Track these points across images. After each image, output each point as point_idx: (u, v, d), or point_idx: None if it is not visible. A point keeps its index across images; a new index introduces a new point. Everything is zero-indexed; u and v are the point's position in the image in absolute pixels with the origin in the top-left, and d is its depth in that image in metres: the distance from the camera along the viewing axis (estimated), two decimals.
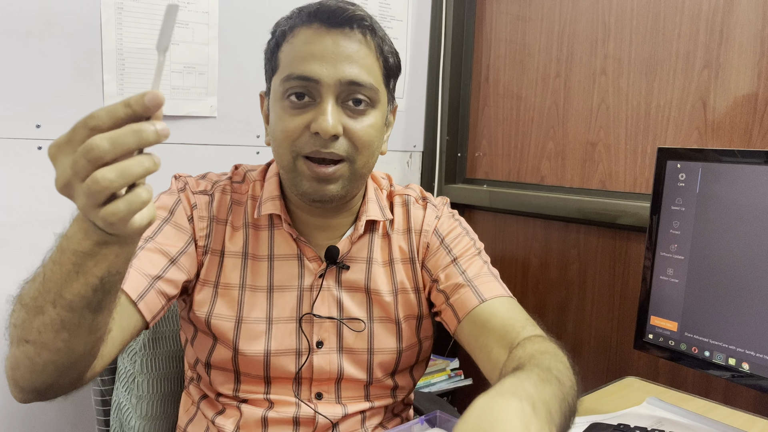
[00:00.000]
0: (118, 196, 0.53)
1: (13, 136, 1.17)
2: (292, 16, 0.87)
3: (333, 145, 0.82)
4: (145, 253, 0.83)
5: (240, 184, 0.95)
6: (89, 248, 0.58)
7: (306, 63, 0.82)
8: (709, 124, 1.32)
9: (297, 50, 0.84)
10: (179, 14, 1.32)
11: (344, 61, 0.82)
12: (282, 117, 0.84)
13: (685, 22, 1.35)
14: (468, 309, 0.89)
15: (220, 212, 0.92)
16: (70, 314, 0.62)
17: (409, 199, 1.00)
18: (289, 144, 0.84)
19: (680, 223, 1.02)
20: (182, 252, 0.87)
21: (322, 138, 0.81)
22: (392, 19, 1.70)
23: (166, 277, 0.84)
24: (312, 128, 0.82)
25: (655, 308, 1.05)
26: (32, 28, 1.16)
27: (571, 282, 1.58)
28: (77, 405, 1.28)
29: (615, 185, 1.49)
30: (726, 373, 0.95)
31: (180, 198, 0.91)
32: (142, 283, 0.81)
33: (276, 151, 0.88)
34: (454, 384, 1.70)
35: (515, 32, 1.70)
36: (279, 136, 0.85)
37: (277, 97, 0.85)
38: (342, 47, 0.83)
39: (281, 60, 0.86)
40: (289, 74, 0.83)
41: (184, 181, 0.93)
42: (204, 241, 0.90)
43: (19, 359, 0.67)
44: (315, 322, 0.91)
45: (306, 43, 0.83)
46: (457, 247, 0.96)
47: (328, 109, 0.81)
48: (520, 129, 1.70)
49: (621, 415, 0.96)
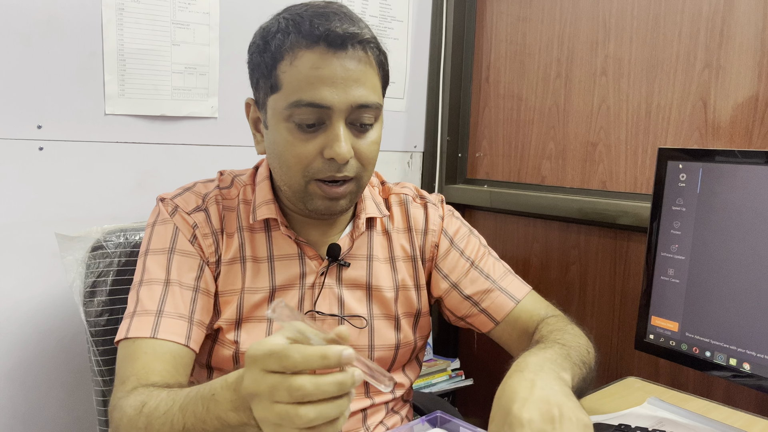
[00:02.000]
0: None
1: (15, 136, 1.17)
2: (289, 32, 0.82)
3: (345, 168, 0.84)
4: (170, 295, 0.86)
5: (228, 189, 0.95)
6: (235, 422, 0.63)
7: (316, 89, 0.80)
8: (710, 124, 1.32)
9: (304, 75, 0.81)
10: (180, 15, 1.32)
11: (353, 84, 0.82)
12: (290, 141, 0.83)
13: (685, 23, 1.35)
14: (505, 312, 1.00)
15: (217, 224, 0.92)
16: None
17: (407, 198, 1.02)
18: (302, 169, 0.84)
19: (681, 224, 1.02)
20: (200, 277, 0.89)
21: (336, 163, 0.82)
22: (393, 20, 1.71)
23: (198, 307, 0.87)
24: (326, 154, 0.82)
25: (656, 308, 1.05)
26: (33, 28, 1.16)
27: (572, 282, 1.58)
28: (78, 405, 1.28)
29: (615, 185, 1.49)
30: (727, 373, 0.95)
31: (176, 224, 0.90)
32: (183, 327, 0.85)
33: (284, 172, 0.87)
34: (455, 384, 1.70)
35: (516, 33, 1.70)
36: (290, 160, 0.84)
37: (281, 118, 0.84)
38: (350, 71, 0.81)
39: (283, 81, 0.82)
40: (299, 100, 0.81)
41: (172, 204, 0.92)
42: (214, 256, 0.91)
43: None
44: (317, 320, 0.92)
45: (314, 68, 0.80)
46: (468, 248, 1.03)
47: (341, 135, 0.82)
48: (521, 129, 1.70)
49: (622, 415, 0.96)
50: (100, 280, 1.03)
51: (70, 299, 1.15)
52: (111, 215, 1.27)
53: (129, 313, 0.86)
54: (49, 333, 1.24)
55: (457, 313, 1.03)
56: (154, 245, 0.89)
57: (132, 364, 0.81)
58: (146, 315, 0.84)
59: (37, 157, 1.20)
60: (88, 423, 1.29)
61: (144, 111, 1.30)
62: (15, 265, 1.20)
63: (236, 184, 0.96)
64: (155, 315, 0.84)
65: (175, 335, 0.84)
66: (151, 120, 1.32)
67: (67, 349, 1.26)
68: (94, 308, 1.03)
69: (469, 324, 1.03)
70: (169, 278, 0.87)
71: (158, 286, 0.86)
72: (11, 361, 1.20)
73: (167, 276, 0.87)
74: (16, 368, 1.21)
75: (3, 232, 1.18)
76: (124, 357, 0.83)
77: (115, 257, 1.04)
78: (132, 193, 1.31)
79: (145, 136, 1.31)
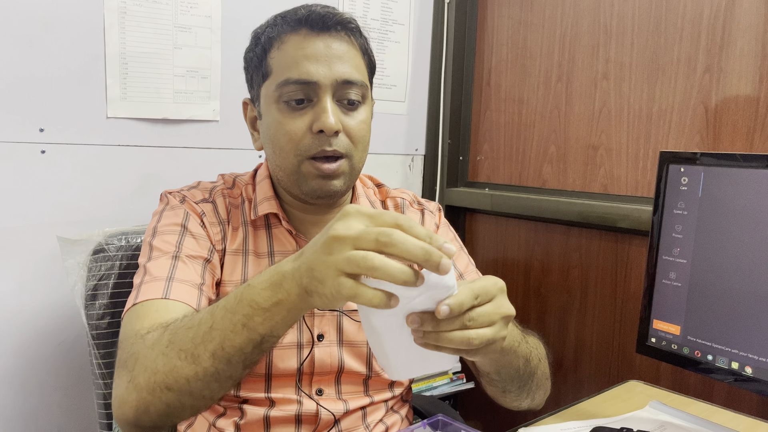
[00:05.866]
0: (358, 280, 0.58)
1: (17, 139, 1.17)
2: (276, 24, 0.89)
3: (335, 142, 0.86)
4: (181, 264, 0.85)
5: (231, 189, 0.98)
6: (268, 302, 0.63)
7: (301, 66, 0.85)
8: (711, 128, 1.32)
9: (289, 55, 0.86)
10: (182, 18, 1.32)
11: (337, 61, 0.86)
12: (281, 120, 0.87)
13: (686, 27, 1.35)
14: None
15: (224, 215, 0.94)
16: (225, 367, 0.66)
17: (404, 202, 1.06)
18: (293, 147, 0.87)
19: (682, 227, 1.02)
20: (209, 259, 0.89)
21: (325, 136, 0.85)
22: (394, 23, 1.71)
23: (207, 282, 0.87)
24: (314, 127, 0.85)
25: (658, 312, 1.05)
26: (36, 32, 1.16)
27: (573, 286, 1.58)
28: (79, 408, 1.28)
29: (617, 189, 1.49)
30: (729, 377, 0.95)
31: (186, 209, 0.92)
32: (194, 294, 0.83)
33: (277, 155, 0.89)
34: (456, 387, 1.70)
35: (517, 36, 1.70)
36: (281, 140, 0.87)
37: (272, 101, 0.88)
38: (333, 49, 0.87)
39: (272, 66, 0.88)
40: (286, 79, 0.86)
41: (180, 195, 0.94)
42: (221, 245, 0.92)
43: (152, 404, 0.69)
44: (316, 315, 0.93)
45: (298, 48, 0.86)
46: (458, 261, 1.05)
47: (328, 107, 0.85)
48: (522, 133, 1.70)
49: (624, 418, 0.96)
50: (102, 283, 1.04)
51: (72, 302, 1.15)
52: (113, 218, 1.27)
53: (136, 285, 0.84)
54: (50, 336, 1.24)
55: None
56: (163, 226, 0.89)
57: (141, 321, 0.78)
58: (156, 281, 0.82)
59: (39, 161, 1.20)
60: (90, 425, 1.29)
61: (146, 114, 1.30)
62: (17, 268, 1.20)
63: (238, 184, 0.99)
64: (166, 280, 0.82)
65: (187, 298, 0.81)
66: (153, 123, 1.32)
67: (68, 352, 1.26)
68: (95, 311, 1.03)
69: None
70: (179, 253, 0.86)
71: (167, 259, 0.85)
72: (12, 363, 1.20)
73: (177, 251, 0.86)
74: (18, 371, 1.21)
75: (5, 235, 1.18)
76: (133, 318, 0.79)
77: (117, 260, 1.05)
78: (134, 197, 1.31)
79: (146, 140, 1.31)
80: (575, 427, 0.93)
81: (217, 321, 0.66)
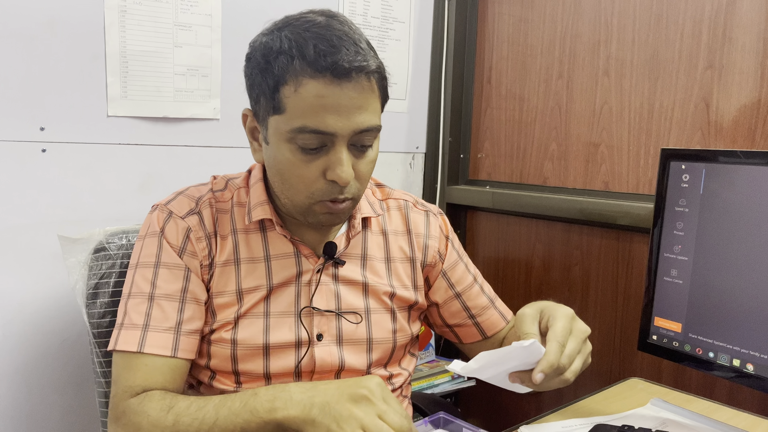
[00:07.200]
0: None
1: (17, 138, 1.17)
2: (292, 55, 0.81)
3: (347, 190, 0.86)
4: (155, 308, 0.89)
5: (222, 191, 0.97)
6: (268, 416, 0.75)
7: (320, 117, 0.81)
8: (713, 125, 1.32)
9: (308, 103, 0.81)
10: (182, 17, 1.32)
11: (356, 111, 0.82)
12: (293, 162, 0.85)
13: (687, 24, 1.35)
14: (496, 329, 1.08)
15: (210, 227, 0.93)
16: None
17: (407, 203, 1.06)
18: (305, 188, 0.86)
19: (684, 224, 1.02)
20: (186, 289, 0.90)
21: (338, 185, 0.85)
22: (395, 21, 1.71)
23: (186, 317, 0.89)
24: (329, 176, 0.84)
25: (659, 309, 1.05)
26: (36, 31, 1.16)
27: (574, 283, 1.58)
28: (81, 406, 1.28)
29: (618, 186, 1.49)
30: (730, 374, 0.95)
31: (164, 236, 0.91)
32: (168, 339, 0.88)
33: (287, 188, 0.88)
34: (457, 385, 1.70)
35: (517, 34, 1.70)
36: (293, 180, 0.86)
37: (282, 138, 0.84)
38: (353, 99, 0.82)
39: (286, 105, 0.82)
40: (303, 126, 0.81)
41: (166, 210, 0.93)
42: (207, 259, 0.92)
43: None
44: (315, 315, 0.93)
45: (318, 97, 0.80)
46: (470, 265, 1.09)
47: (344, 159, 0.83)
48: (523, 130, 1.70)
49: (625, 416, 0.96)
50: (103, 281, 1.04)
51: (73, 301, 1.15)
52: (113, 217, 1.27)
53: (118, 324, 0.90)
54: (51, 335, 1.24)
55: (448, 321, 1.07)
56: (141, 259, 0.92)
57: (134, 375, 0.86)
58: (133, 329, 0.88)
59: (40, 159, 1.20)
60: (91, 424, 1.29)
61: (146, 113, 1.30)
62: (18, 267, 1.20)
63: (230, 187, 0.98)
64: (141, 329, 0.88)
65: (161, 348, 0.87)
66: (154, 122, 1.32)
67: (69, 350, 1.26)
68: (96, 310, 1.03)
69: (454, 333, 1.08)
70: (154, 293, 0.89)
71: (143, 300, 0.89)
72: (14, 362, 1.21)
73: (152, 290, 0.89)
74: (19, 370, 1.21)
75: (6, 234, 1.18)
76: (123, 367, 0.87)
77: (118, 259, 1.05)
78: (134, 195, 1.31)
79: (147, 138, 1.31)
80: (576, 424, 0.93)
81: (220, 419, 0.76)
